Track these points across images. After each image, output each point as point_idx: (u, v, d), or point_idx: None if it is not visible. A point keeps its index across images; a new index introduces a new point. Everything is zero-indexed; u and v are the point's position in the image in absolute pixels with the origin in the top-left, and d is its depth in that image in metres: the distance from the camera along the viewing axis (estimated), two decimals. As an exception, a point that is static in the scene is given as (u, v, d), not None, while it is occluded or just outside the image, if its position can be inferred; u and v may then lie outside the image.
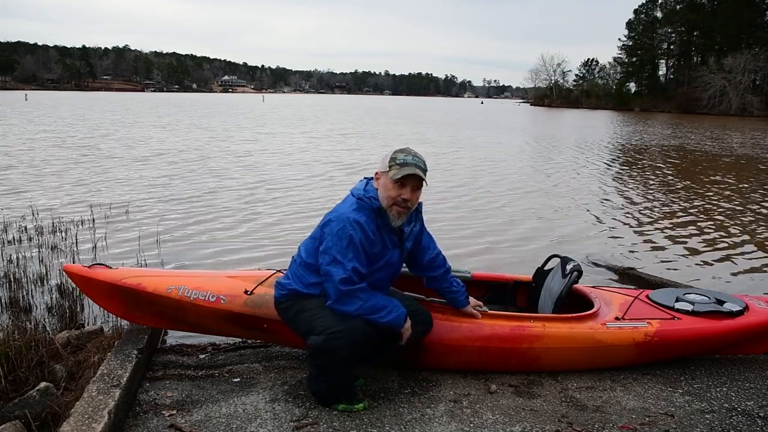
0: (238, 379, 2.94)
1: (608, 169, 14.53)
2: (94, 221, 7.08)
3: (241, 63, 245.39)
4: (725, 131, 32.38)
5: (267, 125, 28.75)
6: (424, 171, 2.61)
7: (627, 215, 8.70)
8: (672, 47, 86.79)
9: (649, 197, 10.31)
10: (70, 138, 18.60)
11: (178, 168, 12.21)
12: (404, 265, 2.99)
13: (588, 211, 8.92)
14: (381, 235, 2.64)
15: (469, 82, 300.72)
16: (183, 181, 10.57)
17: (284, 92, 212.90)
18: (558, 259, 3.40)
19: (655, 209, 9.17)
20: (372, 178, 2.71)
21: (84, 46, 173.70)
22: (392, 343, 2.68)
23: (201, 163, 13.15)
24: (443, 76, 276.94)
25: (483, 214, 8.45)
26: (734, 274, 5.83)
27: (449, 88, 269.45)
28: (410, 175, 2.56)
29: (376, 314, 2.55)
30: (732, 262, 6.25)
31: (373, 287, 2.63)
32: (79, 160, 13.20)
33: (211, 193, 9.45)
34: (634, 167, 15.06)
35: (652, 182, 12.24)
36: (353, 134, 23.91)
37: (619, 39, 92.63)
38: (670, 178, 13.02)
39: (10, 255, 5.46)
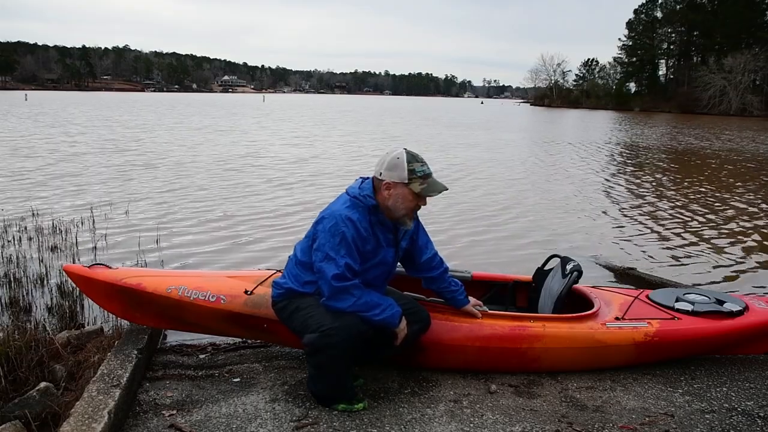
0: (238, 379, 2.94)
1: (608, 169, 14.52)
2: (94, 221, 7.08)
3: (241, 63, 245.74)
4: (724, 131, 32.35)
5: (301, 128, 27.58)
6: None
7: (627, 215, 8.70)
8: (672, 47, 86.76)
9: (650, 197, 10.31)
10: (107, 142, 18.15)
11: (193, 171, 12.22)
12: (402, 266, 3.00)
13: (588, 210, 8.92)
14: (375, 232, 2.64)
15: (469, 82, 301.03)
16: (189, 183, 10.57)
17: (284, 92, 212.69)
18: (558, 259, 3.39)
19: (655, 209, 9.16)
20: (367, 178, 2.71)
21: (84, 46, 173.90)
22: (388, 342, 2.69)
23: (222, 166, 13.12)
24: (443, 76, 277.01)
25: (483, 213, 8.45)
26: (734, 274, 5.83)
27: (449, 88, 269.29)
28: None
29: (370, 312, 2.56)
30: (732, 262, 6.24)
31: (368, 285, 2.64)
32: (89, 162, 13.21)
33: (212, 193, 9.45)
34: (634, 167, 15.05)
35: (652, 182, 12.24)
36: (386, 138, 22.62)
37: (619, 39, 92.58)
38: (670, 178, 13.02)
39: (10, 255, 5.46)
